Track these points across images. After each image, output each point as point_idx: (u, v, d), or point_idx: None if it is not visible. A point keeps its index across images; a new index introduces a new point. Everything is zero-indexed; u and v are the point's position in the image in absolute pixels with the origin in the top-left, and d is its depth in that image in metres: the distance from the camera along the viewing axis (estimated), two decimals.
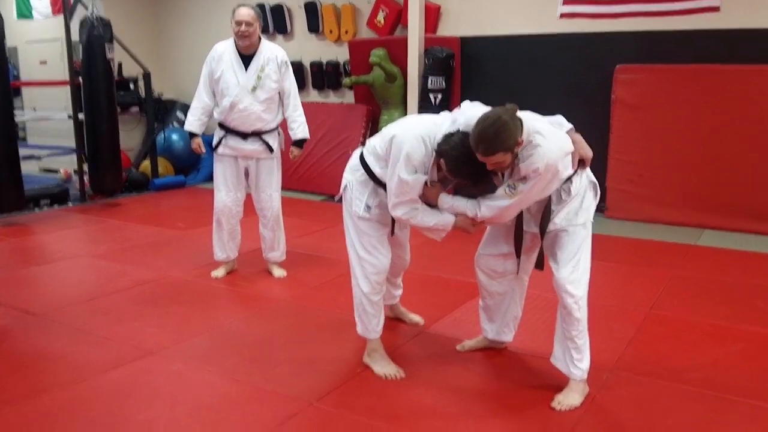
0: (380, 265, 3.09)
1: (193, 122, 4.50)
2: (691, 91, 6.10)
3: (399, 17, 7.45)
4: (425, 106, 7.11)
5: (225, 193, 4.54)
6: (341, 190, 3.19)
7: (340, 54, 7.95)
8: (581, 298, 2.82)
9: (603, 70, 6.43)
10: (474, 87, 7.19)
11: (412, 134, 2.79)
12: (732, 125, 5.95)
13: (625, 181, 6.37)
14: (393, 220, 3.08)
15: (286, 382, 3.06)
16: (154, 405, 2.86)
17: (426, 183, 2.83)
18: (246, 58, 4.36)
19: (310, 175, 7.77)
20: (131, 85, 8.37)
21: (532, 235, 2.99)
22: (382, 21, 7.53)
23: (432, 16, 7.26)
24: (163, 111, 8.76)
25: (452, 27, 7.29)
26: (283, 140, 4.61)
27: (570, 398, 2.83)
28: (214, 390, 3.01)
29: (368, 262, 3.07)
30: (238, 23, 4.22)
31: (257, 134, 4.43)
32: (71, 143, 7.46)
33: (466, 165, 2.67)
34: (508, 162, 2.62)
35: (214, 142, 4.50)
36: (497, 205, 2.73)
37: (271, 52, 4.40)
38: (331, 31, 7.96)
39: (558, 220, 2.85)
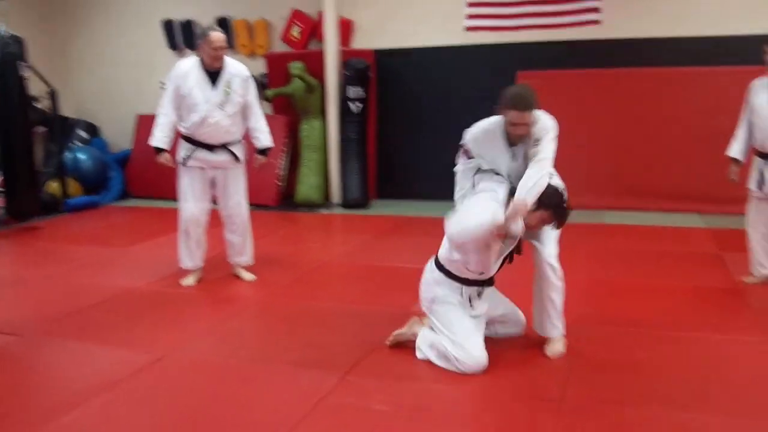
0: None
1: (161, 138, 4.60)
2: (583, 92, 7.02)
3: (314, 31, 7.85)
4: (346, 115, 7.54)
5: (193, 204, 4.71)
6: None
7: (254, 67, 8.12)
8: (560, 269, 3.38)
9: (506, 76, 7.11)
10: (390, 96, 7.75)
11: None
12: (620, 120, 6.94)
13: None
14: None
15: (308, 363, 3.37)
16: (194, 396, 3.08)
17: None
18: (212, 75, 4.56)
19: None
20: (35, 104, 8.11)
21: None
22: (298, 35, 7.89)
23: (345, 30, 7.71)
24: (66, 130, 8.58)
25: (365, 40, 7.79)
26: (245, 149, 4.87)
27: (556, 347, 3.39)
28: (246, 376, 3.27)
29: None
30: (216, 49, 4.44)
31: (224, 146, 4.67)
32: None
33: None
34: (532, 124, 3.17)
35: (182, 156, 4.66)
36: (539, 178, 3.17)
37: (235, 68, 4.64)
38: (244, 46, 8.20)
39: None
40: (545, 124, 3.24)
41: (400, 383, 3.12)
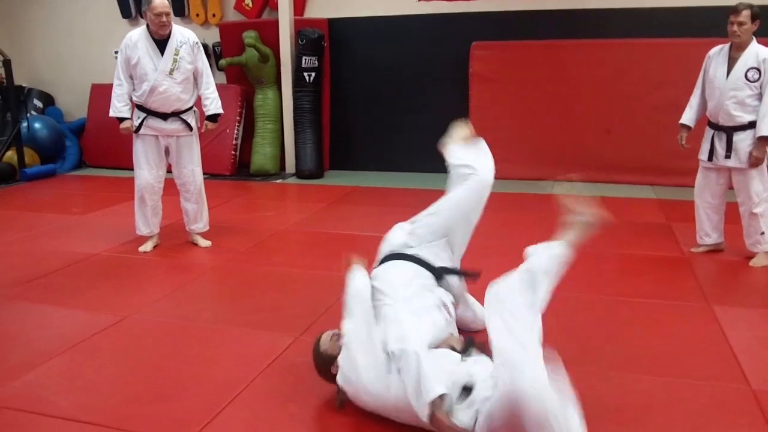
0: None
1: (122, 108, 4.65)
2: (537, 62, 7.14)
3: (267, 0, 7.81)
4: (300, 85, 7.58)
5: (147, 171, 4.77)
6: None
7: (208, 36, 8.13)
8: None
9: (460, 47, 7.25)
10: (343, 66, 7.79)
11: None
12: (571, 91, 7.06)
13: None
14: None
15: (265, 324, 3.51)
16: (154, 356, 3.19)
17: None
18: (160, 43, 4.60)
19: None
20: None
21: None
22: (251, 4, 7.87)
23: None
24: (21, 99, 8.42)
25: (319, 10, 7.80)
26: (198, 117, 4.91)
27: None
28: (205, 336, 3.39)
29: None
30: (159, 15, 4.47)
31: (176, 114, 4.71)
32: None
33: None
34: None
35: (135, 124, 4.69)
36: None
37: (183, 35, 4.67)
38: (197, 15, 8.14)
39: None
40: None
41: None
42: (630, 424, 2.58)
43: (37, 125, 8.11)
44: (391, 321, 2.59)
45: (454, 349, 2.66)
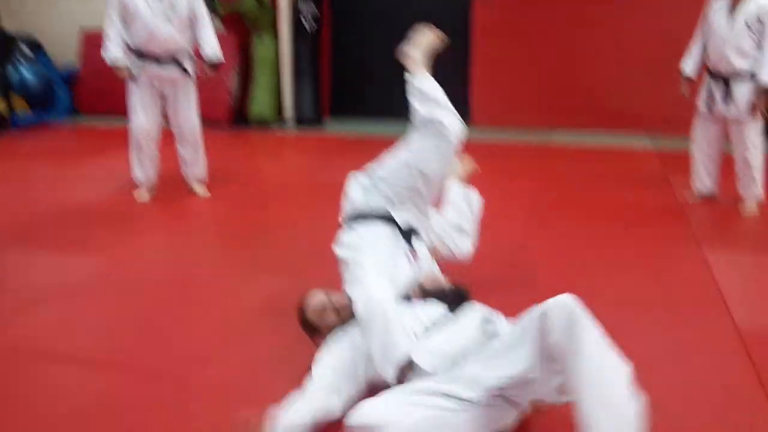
0: None
1: (116, 51, 4.57)
2: (538, 10, 7.08)
3: None
4: (300, 33, 7.48)
5: (144, 117, 4.72)
6: None
7: None
8: None
9: None
10: (344, 14, 7.69)
11: None
12: (572, 40, 7.03)
13: (487, 92, 7.21)
14: None
15: (263, 268, 3.56)
16: (152, 298, 3.24)
17: None
18: None
19: None
20: None
21: None
22: None
23: None
24: (8, 46, 8.27)
25: None
26: (196, 63, 4.84)
27: None
28: (203, 280, 3.44)
29: None
30: None
31: (173, 59, 4.64)
32: None
33: None
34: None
35: (130, 68, 4.62)
36: None
37: None
38: None
39: None
40: None
41: None
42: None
43: (26, 73, 7.96)
44: (358, 282, 2.55)
45: (424, 291, 2.58)
